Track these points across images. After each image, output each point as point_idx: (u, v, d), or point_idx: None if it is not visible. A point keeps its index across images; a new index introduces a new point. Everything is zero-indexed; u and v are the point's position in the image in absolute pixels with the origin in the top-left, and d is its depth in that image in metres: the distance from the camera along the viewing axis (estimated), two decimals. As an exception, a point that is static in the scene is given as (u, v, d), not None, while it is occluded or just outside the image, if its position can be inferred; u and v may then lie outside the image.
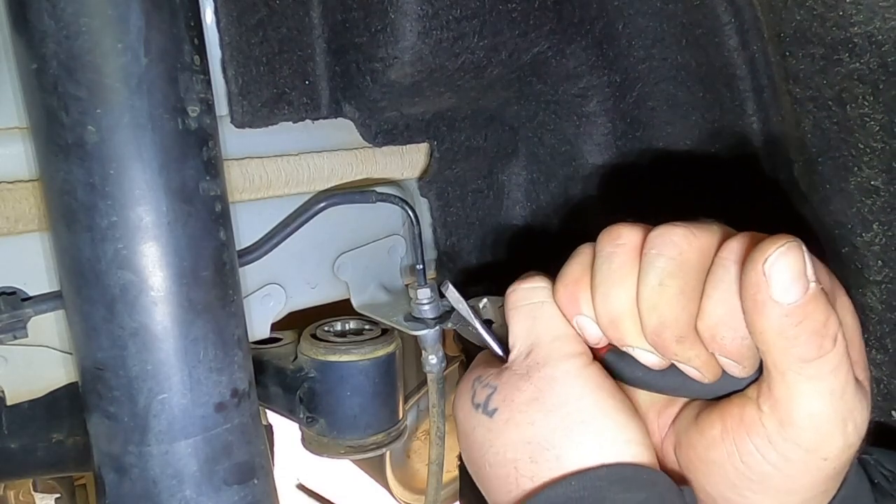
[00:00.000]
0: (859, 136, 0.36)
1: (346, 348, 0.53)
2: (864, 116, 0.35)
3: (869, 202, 0.37)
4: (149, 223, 0.34)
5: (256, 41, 0.41)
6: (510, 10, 0.43)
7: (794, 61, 0.36)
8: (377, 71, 0.42)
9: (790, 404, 0.29)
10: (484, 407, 0.38)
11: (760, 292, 0.28)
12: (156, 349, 0.35)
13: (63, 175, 0.33)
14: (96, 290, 0.34)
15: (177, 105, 0.34)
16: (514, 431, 0.35)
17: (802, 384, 0.29)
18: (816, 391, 0.29)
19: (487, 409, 0.37)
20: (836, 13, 0.32)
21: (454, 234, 0.58)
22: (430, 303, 0.48)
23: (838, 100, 0.35)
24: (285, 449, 0.76)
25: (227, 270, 0.37)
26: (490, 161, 0.58)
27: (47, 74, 0.32)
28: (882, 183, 0.36)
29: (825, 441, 0.29)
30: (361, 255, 0.54)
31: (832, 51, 0.34)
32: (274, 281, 0.50)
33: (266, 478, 0.40)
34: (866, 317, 0.40)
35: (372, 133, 0.48)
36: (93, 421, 0.37)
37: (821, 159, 0.38)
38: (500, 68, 0.46)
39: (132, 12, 0.32)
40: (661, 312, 0.32)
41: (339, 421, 0.54)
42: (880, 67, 0.33)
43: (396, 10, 0.39)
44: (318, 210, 0.48)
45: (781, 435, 0.30)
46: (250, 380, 0.40)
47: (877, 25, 0.31)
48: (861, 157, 0.36)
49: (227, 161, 0.43)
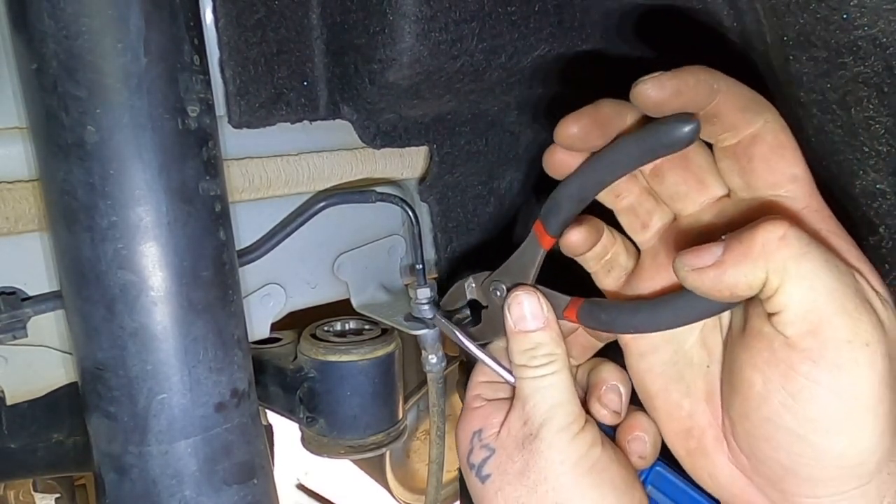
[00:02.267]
0: (864, 140, 0.35)
1: (346, 348, 0.53)
2: (869, 119, 0.35)
3: (875, 205, 0.37)
4: (149, 223, 0.34)
5: (255, 41, 0.41)
6: (510, 12, 0.43)
7: (797, 65, 0.35)
8: (375, 72, 0.42)
9: (810, 293, 0.28)
10: (478, 471, 0.39)
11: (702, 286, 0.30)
12: (156, 349, 0.35)
13: (63, 175, 0.33)
14: (96, 290, 0.34)
15: (177, 105, 0.34)
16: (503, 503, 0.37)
17: (803, 264, 0.28)
18: (817, 264, 0.28)
19: (481, 475, 0.39)
20: (839, 16, 0.32)
21: (455, 240, 0.58)
22: (429, 303, 0.48)
23: (843, 103, 0.35)
24: (285, 449, 0.77)
25: (227, 270, 0.37)
26: (490, 166, 0.57)
27: (47, 74, 0.32)
28: (888, 186, 0.36)
29: (856, 321, 0.28)
30: (361, 255, 0.54)
31: (836, 54, 0.33)
32: (274, 281, 0.50)
33: (266, 478, 0.40)
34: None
35: (370, 135, 0.48)
36: (93, 421, 0.37)
37: (825, 163, 0.38)
38: (499, 71, 0.46)
39: (132, 12, 0.32)
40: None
41: (338, 421, 0.54)
42: (885, 70, 0.32)
43: (395, 12, 0.39)
44: (318, 210, 0.48)
45: (820, 341, 0.28)
46: (250, 380, 0.40)
47: (881, 28, 0.31)
48: (866, 161, 0.36)
49: (227, 161, 0.43)
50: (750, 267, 0.28)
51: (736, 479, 0.35)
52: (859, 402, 0.28)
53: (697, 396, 0.36)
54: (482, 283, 0.43)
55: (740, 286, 0.29)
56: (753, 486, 0.34)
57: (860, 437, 0.29)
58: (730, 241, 0.29)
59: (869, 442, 0.29)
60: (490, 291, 0.42)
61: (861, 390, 0.28)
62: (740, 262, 0.29)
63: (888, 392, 0.29)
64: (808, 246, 0.28)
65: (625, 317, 0.35)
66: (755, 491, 0.34)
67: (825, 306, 0.28)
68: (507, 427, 0.39)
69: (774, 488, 0.32)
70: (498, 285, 0.42)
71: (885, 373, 0.28)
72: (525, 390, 0.39)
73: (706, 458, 0.36)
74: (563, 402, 0.38)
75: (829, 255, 0.29)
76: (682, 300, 0.33)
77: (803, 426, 0.29)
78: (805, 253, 0.28)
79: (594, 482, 0.36)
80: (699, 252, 0.30)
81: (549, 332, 0.39)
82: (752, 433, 0.32)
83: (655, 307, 0.34)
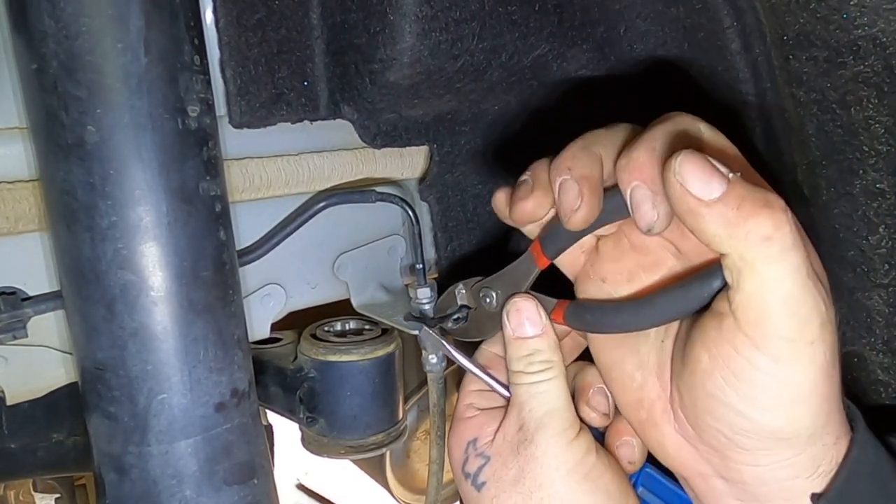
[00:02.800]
0: (864, 139, 0.35)
1: (346, 348, 0.53)
2: (869, 119, 0.35)
3: (874, 205, 0.37)
4: (149, 223, 0.34)
5: (255, 41, 0.41)
6: (510, 12, 0.43)
7: (797, 64, 0.36)
8: (375, 72, 0.42)
9: (763, 295, 0.29)
10: (473, 479, 0.39)
11: (689, 200, 0.29)
12: (156, 349, 0.35)
13: (63, 175, 0.33)
14: (96, 290, 0.34)
15: (177, 105, 0.34)
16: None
17: (770, 267, 0.28)
18: (786, 271, 0.28)
19: (476, 483, 0.39)
20: (839, 16, 0.32)
21: (455, 239, 0.58)
22: (429, 302, 0.48)
23: (842, 103, 0.35)
24: (285, 449, 0.76)
25: (227, 270, 0.37)
26: (491, 165, 0.57)
27: (47, 74, 0.32)
28: (888, 186, 0.36)
29: (804, 323, 0.29)
30: (361, 255, 0.54)
31: (836, 53, 0.33)
32: (274, 281, 0.50)
33: (266, 478, 0.40)
34: (872, 320, 0.40)
35: (371, 135, 0.48)
36: (93, 421, 0.37)
37: (825, 162, 0.38)
38: (499, 71, 0.46)
39: (132, 12, 0.32)
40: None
41: (339, 421, 0.54)
42: (885, 70, 0.32)
43: (395, 12, 0.39)
44: (318, 210, 0.48)
45: (763, 332, 0.29)
46: (250, 380, 0.40)
47: (881, 28, 0.31)
48: (866, 160, 0.36)
49: (227, 161, 0.43)
50: (728, 230, 0.28)
51: (682, 448, 0.36)
52: (797, 390, 0.30)
53: (649, 369, 0.37)
54: (472, 287, 0.44)
55: (712, 240, 0.29)
56: (699, 454, 0.35)
57: (796, 417, 0.31)
58: (738, 191, 0.28)
59: (804, 421, 0.31)
60: (480, 297, 0.43)
61: (799, 381, 0.30)
62: (728, 220, 0.28)
63: (826, 381, 0.30)
64: (786, 252, 0.28)
65: (609, 317, 0.36)
66: (700, 458, 0.35)
67: (777, 307, 0.29)
68: (503, 433, 0.39)
69: (717, 456, 0.34)
70: (488, 292, 0.43)
71: (825, 366, 0.30)
72: (521, 396, 0.39)
73: (655, 428, 0.37)
74: (558, 409, 0.38)
75: (801, 261, 0.29)
76: (662, 300, 0.34)
77: (743, 402, 0.31)
78: (779, 257, 0.28)
79: (589, 489, 0.37)
80: (707, 175, 0.29)
81: (547, 340, 0.39)
82: (697, 405, 0.33)
83: (638, 307, 0.35)
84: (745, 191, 0.28)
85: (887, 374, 0.41)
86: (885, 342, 0.40)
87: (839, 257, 0.40)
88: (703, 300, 0.32)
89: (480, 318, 0.44)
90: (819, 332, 0.29)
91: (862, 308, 0.41)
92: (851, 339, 0.42)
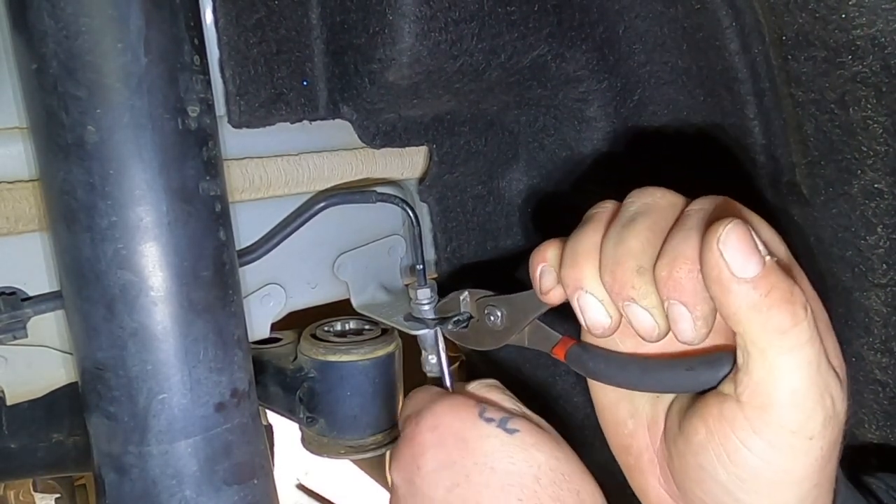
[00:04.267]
0: (862, 139, 0.36)
1: (346, 348, 0.52)
2: (867, 119, 0.35)
3: (872, 205, 0.37)
4: (149, 223, 0.34)
5: (255, 41, 0.41)
6: (509, 13, 0.43)
7: (796, 64, 0.36)
8: (375, 72, 0.42)
9: (771, 384, 0.29)
10: (501, 423, 0.39)
11: (722, 271, 0.28)
12: (156, 349, 0.35)
13: (63, 175, 0.33)
14: (96, 290, 0.34)
15: (177, 105, 0.34)
16: (538, 454, 0.38)
17: (782, 358, 0.28)
18: (796, 364, 0.28)
19: (507, 427, 0.39)
20: (838, 16, 0.32)
21: (454, 240, 0.58)
22: (430, 303, 0.48)
23: (841, 103, 0.35)
24: (285, 449, 0.76)
25: (227, 270, 0.37)
26: (490, 166, 0.58)
27: (47, 74, 0.32)
28: (886, 186, 0.36)
29: (808, 417, 0.29)
30: (361, 255, 0.54)
31: (834, 54, 0.33)
32: (274, 281, 0.50)
33: (266, 478, 0.40)
34: (870, 320, 0.40)
35: (370, 135, 0.48)
36: (93, 421, 0.37)
37: (823, 162, 0.38)
38: (499, 71, 0.46)
39: (132, 12, 0.32)
40: (628, 243, 0.32)
41: (339, 421, 0.54)
42: (883, 70, 0.33)
43: (395, 12, 0.39)
44: (318, 210, 0.48)
45: (764, 420, 0.29)
46: (250, 380, 0.40)
47: (879, 28, 0.31)
48: (864, 160, 0.36)
49: (227, 161, 0.43)
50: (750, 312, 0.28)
51: (663, 500, 0.37)
52: (788, 477, 0.30)
53: (641, 420, 0.38)
54: (477, 299, 0.45)
55: (731, 315, 0.29)
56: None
57: (783, 502, 0.31)
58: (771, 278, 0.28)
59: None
60: (484, 313, 0.44)
61: (793, 469, 0.30)
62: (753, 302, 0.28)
63: (819, 472, 0.30)
64: (800, 346, 0.28)
65: (613, 370, 0.36)
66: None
67: (782, 398, 0.29)
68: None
69: None
70: (493, 310, 0.43)
71: (821, 460, 0.30)
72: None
73: (641, 476, 0.38)
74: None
75: (814, 357, 0.29)
76: (669, 375, 0.34)
77: (733, 483, 0.31)
78: (792, 350, 0.28)
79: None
80: (748, 251, 0.28)
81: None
82: (688, 474, 0.33)
83: (643, 371, 0.35)
84: (777, 279, 0.28)
85: (885, 373, 0.41)
86: (883, 342, 0.40)
87: (837, 257, 0.40)
88: (709, 384, 0.32)
89: (481, 330, 0.44)
90: (821, 428, 0.29)
91: (860, 308, 0.41)
92: (849, 339, 0.42)
